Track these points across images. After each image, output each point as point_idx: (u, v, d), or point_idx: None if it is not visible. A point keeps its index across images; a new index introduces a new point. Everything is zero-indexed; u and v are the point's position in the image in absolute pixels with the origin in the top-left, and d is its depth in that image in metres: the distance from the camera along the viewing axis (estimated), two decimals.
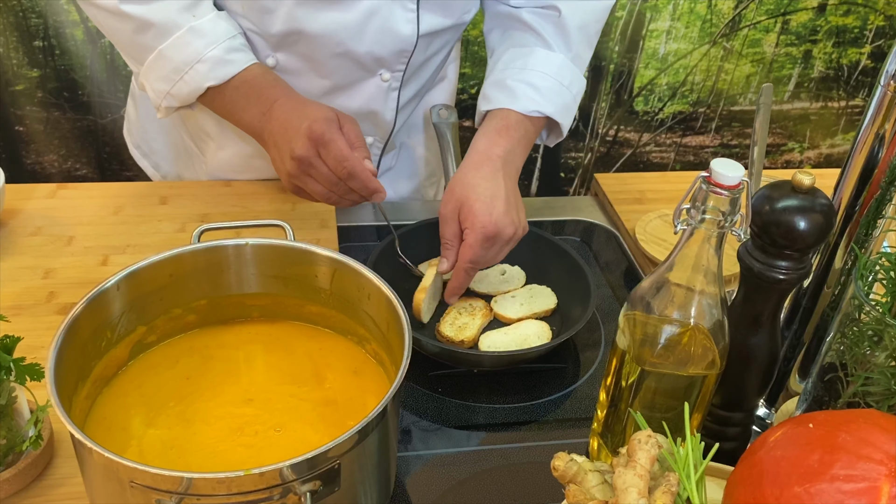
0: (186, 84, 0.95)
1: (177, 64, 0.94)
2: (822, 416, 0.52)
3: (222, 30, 0.95)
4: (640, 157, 2.13)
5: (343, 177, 0.94)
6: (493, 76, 1.03)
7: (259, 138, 1.00)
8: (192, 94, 0.96)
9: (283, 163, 0.96)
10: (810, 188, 0.62)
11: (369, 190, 0.96)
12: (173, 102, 0.97)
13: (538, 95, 0.99)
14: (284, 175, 0.98)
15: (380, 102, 1.08)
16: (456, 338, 0.86)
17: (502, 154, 0.94)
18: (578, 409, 0.84)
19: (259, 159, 1.08)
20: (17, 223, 0.99)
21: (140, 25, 0.93)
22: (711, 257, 0.61)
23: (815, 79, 2.08)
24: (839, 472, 0.47)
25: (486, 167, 0.92)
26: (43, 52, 1.71)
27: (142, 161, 1.23)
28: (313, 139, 0.92)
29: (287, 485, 0.54)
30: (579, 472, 0.55)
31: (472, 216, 0.88)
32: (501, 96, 0.99)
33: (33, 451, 0.67)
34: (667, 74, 2.00)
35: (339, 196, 0.98)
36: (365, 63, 1.02)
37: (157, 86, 0.96)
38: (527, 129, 0.99)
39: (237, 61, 0.95)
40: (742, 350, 0.68)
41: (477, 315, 0.90)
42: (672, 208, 1.11)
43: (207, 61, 0.94)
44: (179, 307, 0.72)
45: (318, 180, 0.96)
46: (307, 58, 1.01)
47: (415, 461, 0.76)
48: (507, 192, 0.91)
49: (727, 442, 0.74)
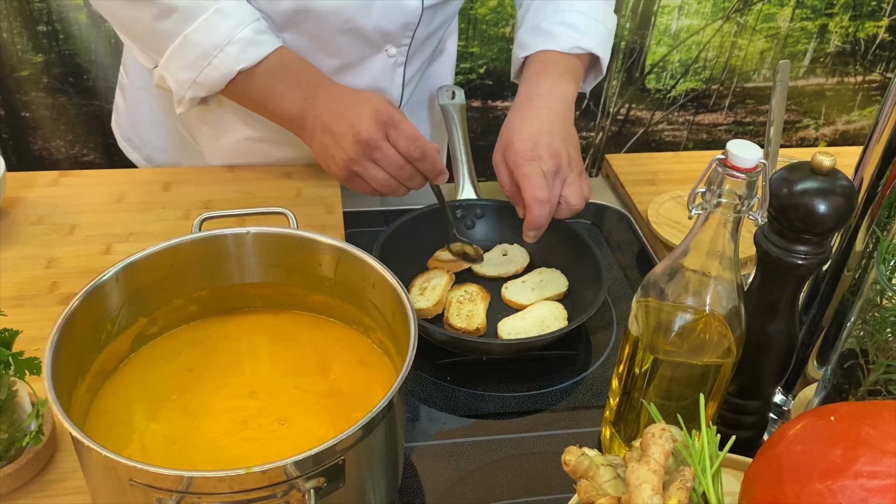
0: (216, 69, 0.91)
1: (205, 48, 0.90)
2: (845, 408, 0.50)
3: (248, 11, 0.92)
4: (652, 135, 2.09)
5: (416, 157, 0.88)
6: (525, 24, 1.04)
7: (300, 126, 0.94)
8: (222, 80, 0.92)
9: (342, 148, 0.90)
10: (830, 169, 0.59)
11: (437, 170, 0.91)
12: (199, 92, 0.93)
13: (575, 33, 0.99)
14: (341, 161, 0.90)
15: (386, 79, 1.06)
16: (469, 327, 0.85)
17: (543, 92, 0.95)
18: (590, 396, 0.82)
19: (264, 143, 1.06)
20: (20, 212, 0.97)
21: (162, 11, 0.89)
22: (727, 242, 0.59)
23: (830, 53, 2.04)
24: (863, 468, 0.45)
25: (526, 107, 0.94)
26: (47, 37, 1.70)
27: (132, 154, 1.20)
28: (380, 121, 0.87)
29: (290, 482, 0.52)
30: (591, 467, 0.53)
31: (513, 153, 0.90)
32: (538, 40, 1.00)
33: (35, 446, 0.66)
34: (679, 51, 1.96)
35: (399, 182, 0.91)
36: (372, 38, 1.01)
37: (182, 75, 0.92)
38: (568, 65, 0.99)
39: (267, 42, 0.92)
40: (759, 337, 0.66)
41: (477, 300, 0.89)
42: (685, 189, 1.09)
43: (238, 42, 0.90)
44: (181, 298, 0.70)
45: (381, 165, 0.90)
46: (314, 36, 0.99)
47: (423, 451, 0.75)
48: (550, 125, 0.92)
49: (743, 431, 0.72)
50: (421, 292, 0.88)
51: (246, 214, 0.74)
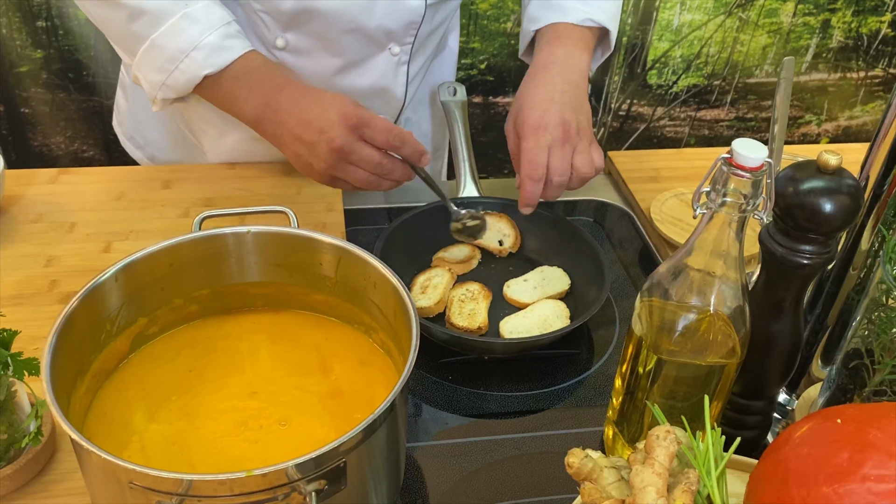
0: (182, 73, 0.91)
1: (171, 53, 0.90)
2: (851, 410, 0.49)
3: (217, 16, 0.91)
4: (654, 131, 2.09)
5: (397, 145, 0.88)
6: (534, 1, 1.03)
7: (262, 130, 0.95)
8: (189, 84, 0.92)
9: (317, 157, 0.89)
10: (837, 168, 0.59)
11: (418, 152, 0.90)
12: (169, 94, 0.93)
13: (585, 6, 0.99)
14: (320, 169, 0.90)
15: (390, 78, 1.05)
16: (471, 326, 0.84)
17: (557, 59, 0.95)
18: (592, 396, 0.82)
19: (265, 143, 1.06)
20: (18, 210, 0.97)
21: (132, 13, 0.89)
22: (732, 242, 0.59)
23: (833, 49, 2.03)
24: (870, 471, 0.44)
25: (540, 75, 0.94)
26: (46, 33, 1.69)
27: (135, 153, 1.20)
28: (351, 125, 0.87)
29: (291, 484, 0.52)
30: (594, 469, 0.53)
31: (522, 121, 0.91)
32: (549, 13, 1.00)
33: (34, 447, 0.66)
34: (681, 46, 1.95)
35: (381, 177, 0.91)
36: (375, 37, 1.00)
37: (152, 77, 0.92)
38: (581, 35, 0.99)
39: (234, 47, 0.92)
40: (763, 337, 0.65)
41: (479, 299, 0.88)
42: (688, 186, 1.09)
43: (203, 48, 0.90)
44: (181, 297, 0.70)
45: (360, 166, 0.89)
46: (318, 36, 0.98)
47: (425, 451, 0.74)
48: (562, 94, 0.92)
49: (747, 431, 0.71)
50: (422, 291, 0.88)
51: (246, 213, 0.74)
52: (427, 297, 0.87)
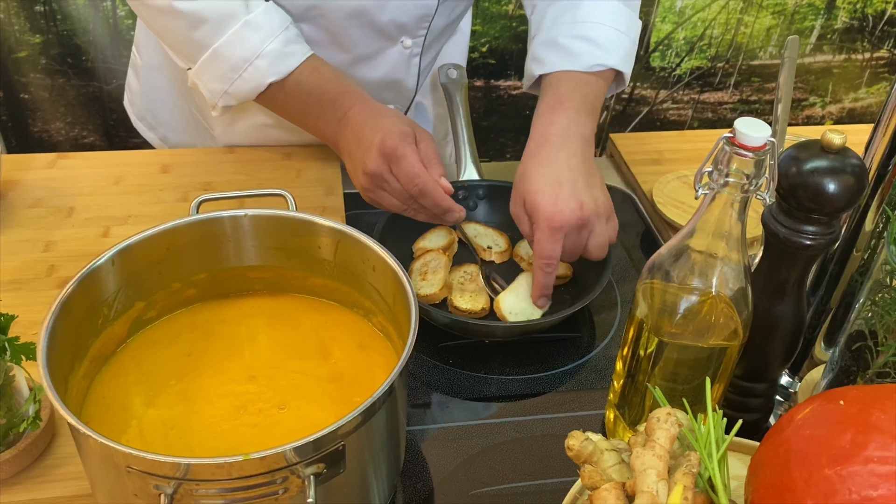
0: (246, 82, 0.90)
1: (235, 62, 0.89)
2: (854, 392, 0.48)
3: (277, 21, 0.90)
4: (657, 114, 2.07)
5: (414, 194, 0.84)
6: (541, 35, 0.95)
7: (335, 146, 0.93)
8: (253, 93, 0.91)
9: (356, 176, 0.88)
10: (841, 148, 0.58)
11: (441, 209, 0.84)
12: (231, 101, 0.92)
13: (596, 49, 0.91)
14: (359, 187, 0.88)
15: (402, 71, 1.04)
16: (475, 308, 0.84)
17: (559, 132, 0.86)
18: (593, 379, 0.81)
19: (277, 129, 1.05)
20: (16, 195, 0.96)
21: (192, 22, 0.87)
22: (734, 223, 0.58)
23: (838, 30, 2.01)
24: (873, 453, 0.44)
25: (544, 151, 0.85)
26: (45, 18, 1.68)
27: (148, 134, 1.19)
28: (385, 154, 0.83)
29: (290, 468, 0.52)
30: (595, 452, 0.52)
31: (535, 210, 0.81)
32: (554, 57, 0.91)
33: (33, 432, 0.66)
34: (684, 28, 1.93)
35: (414, 211, 0.87)
36: (387, 31, 0.99)
37: (213, 86, 0.91)
38: (586, 95, 0.90)
39: (296, 53, 0.90)
40: (766, 319, 0.65)
41: (479, 279, 0.88)
42: (691, 169, 1.08)
43: (267, 56, 0.88)
44: (178, 281, 0.70)
45: (391, 195, 0.86)
46: (329, 30, 0.97)
47: (425, 435, 0.74)
48: (571, 173, 0.83)
49: (749, 413, 0.71)
50: (422, 277, 0.87)
51: (244, 196, 0.73)
52: (429, 283, 0.86)
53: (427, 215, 0.87)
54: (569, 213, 0.80)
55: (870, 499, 0.43)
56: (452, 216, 0.85)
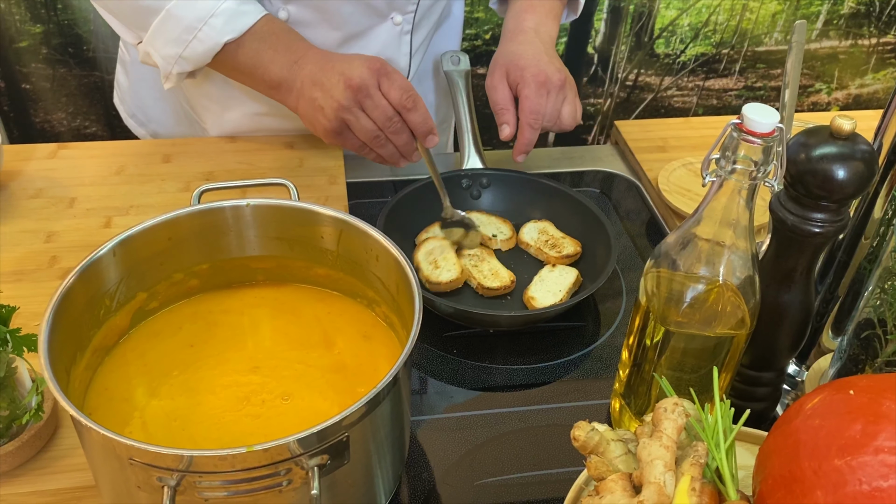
0: (201, 42, 0.89)
1: (189, 22, 0.88)
2: (864, 381, 0.48)
3: None
4: (662, 101, 2.06)
5: (408, 106, 0.87)
6: None
7: (287, 89, 0.92)
8: (209, 53, 0.90)
9: (332, 97, 0.88)
10: (850, 134, 0.57)
11: (427, 126, 0.89)
12: (186, 66, 0.91)
13: None
14: (331, 111, 0.88)
15: (393, 48, 1.04)
16: (504, 283, 0.85)
17: (533, 26, 1.01)
18: (599, 368, 0.81)
19: (270, 117, 1.04)
20: (18, 185, 0.96)
21: None
22: (742, 210, 0.57)
23: (844, 15, 1.99)
24: (884, 443, 0.43)
25: (521, 37, 0.99)
26: (45, 7, 1.67)
27: (139, 130, 1.18)
28: (374, 69, 0.87)
29: (293, 459, 0.51)
30: (601, 443, 0.52)
31: (521, 70, 0.94)
32: None
33: (35, 424, 0.65)
34: (689, 14, 1.91)
35: (386, 137, 0.90)
36: (377, 7, 0.99)
37: (167, 50, 0.90)
38: (551, 6, 1.03)
39: (251, 11, 0.90)
40: (773, 308, 0.64)
41: (489, 258, 0.89)
42: (696, 156, 1.07)
43: (222, 14, 0.88)
44: (180, 272, 0.69)
45: (371, 114, 0.88)
46: (319, 8, 0.97)
47: (430, 426, 0.74)
48: (547, 50, 0.98)
49: (756, 403, 0.70)
50: (434, 265, 0.86)
51: (246, 186, 0.73)
52: (445, 269, 0.86)
53: (391, 151, 0.91)
54: (552, 73, 0.94)
55: (880, 489, 0.42)
56: (434, 140, 0.91)
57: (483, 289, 0.85)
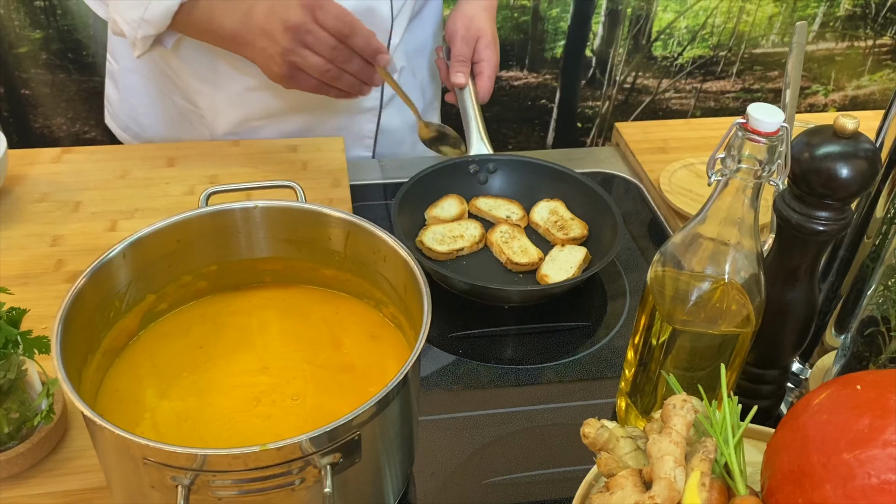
0: (159, 3, 0.90)
1: None
2: (872, 376, 0.48)
3: None
4: (660, 104, 2.07)
5: (346, 33, 0.88)
6: None
7: (241, 41, 0.93)
8: (167, 14, 0.91)
9: (276, 43, 0.89)
10: (853, 133, 0.58)
11: (372, 48, 0.89)
12: (149, 30, 0.92)
13: None
14: (278, 57, 0.89)
15: None
16: (533, 259, 0.89)
17: None
18: (604, 368, 0.81)
19: (263, 91, 1.05)
20: (23, 189, 0.96)
21: None
22: (747, 209, 0.58)
23: (840, 17, 2.00)
24: (892, 437, 0.44)
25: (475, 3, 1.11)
26: (45, 13, 1.67)
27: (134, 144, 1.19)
28: (306, 5, 0.87)
29: (306, 458, 0.52)
30: (611, 440, 0.52)
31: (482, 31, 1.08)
32: None
33: (46, 426, 0.66)
34: (686, 17, 1.92)
35: (339, 67, 0.90)
36: None
37: (129, 14, 0.91)
38: None
39: None
40: (777, 306, 0.64)
41: (519, 235, 0.92)
42: (698, 157, 1.08)
43: None
44: (189, 274, 0.69)
45: (316, 50, 0.88)
46: None
47: (437, 425, 0.74)
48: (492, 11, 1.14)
49: (761, 400, 0.71)
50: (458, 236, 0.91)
51: (253, 188, 0.73)
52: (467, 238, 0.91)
53: (349, 81, 0.91)
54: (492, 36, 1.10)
55: (889, 482, 0.43)
56: (385, 58, 0.91)
57: (512, 264, 0.89)
